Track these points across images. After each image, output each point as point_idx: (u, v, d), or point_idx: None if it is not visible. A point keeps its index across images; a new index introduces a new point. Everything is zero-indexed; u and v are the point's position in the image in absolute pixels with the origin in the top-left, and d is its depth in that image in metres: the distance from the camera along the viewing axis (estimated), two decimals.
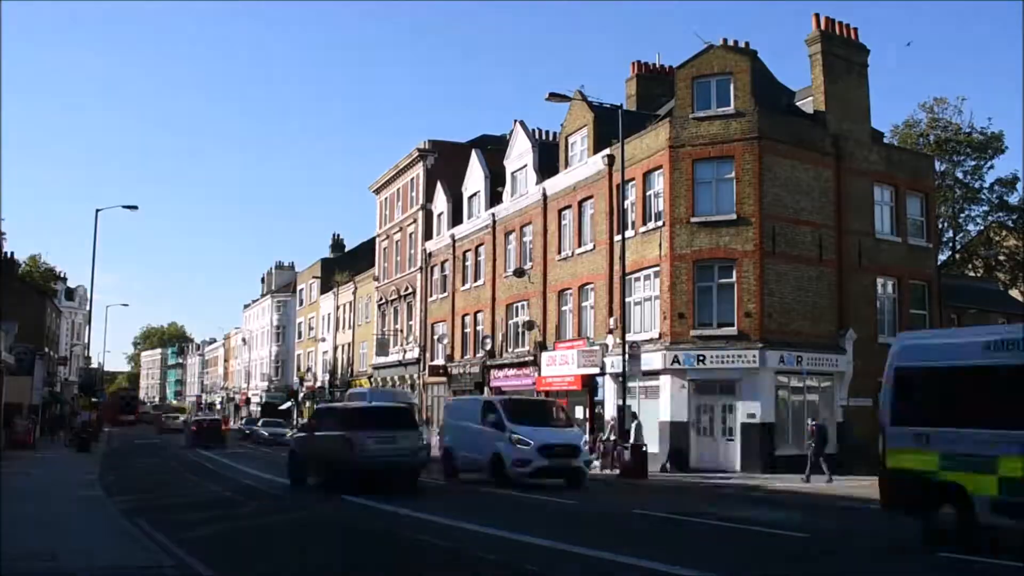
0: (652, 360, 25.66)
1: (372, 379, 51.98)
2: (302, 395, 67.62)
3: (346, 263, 64.45)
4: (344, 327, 60.71)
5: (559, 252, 32.38)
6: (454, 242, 41.45)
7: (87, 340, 53.86)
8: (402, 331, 47.62)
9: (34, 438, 35.70)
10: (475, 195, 40.54)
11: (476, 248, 39.52)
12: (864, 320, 27.52)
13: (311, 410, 67.01)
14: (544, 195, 33.43)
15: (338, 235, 77.26)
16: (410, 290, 46.62)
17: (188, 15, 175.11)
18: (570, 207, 32.02)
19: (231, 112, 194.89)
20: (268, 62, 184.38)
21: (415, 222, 46.65)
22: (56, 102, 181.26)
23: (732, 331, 25.38)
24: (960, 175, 46.22)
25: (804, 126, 27.58)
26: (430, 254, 44.39)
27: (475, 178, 40.60)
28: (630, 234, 27.29)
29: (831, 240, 27.06)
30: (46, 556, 9.58)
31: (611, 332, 28.16)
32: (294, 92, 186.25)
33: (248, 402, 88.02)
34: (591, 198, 30.65)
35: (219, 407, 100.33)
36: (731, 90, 26.34)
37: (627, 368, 24.38)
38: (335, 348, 62.64)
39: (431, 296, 44.10)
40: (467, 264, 40.41)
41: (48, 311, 59.44)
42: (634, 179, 27.86)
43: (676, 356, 25.49)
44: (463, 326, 40.37)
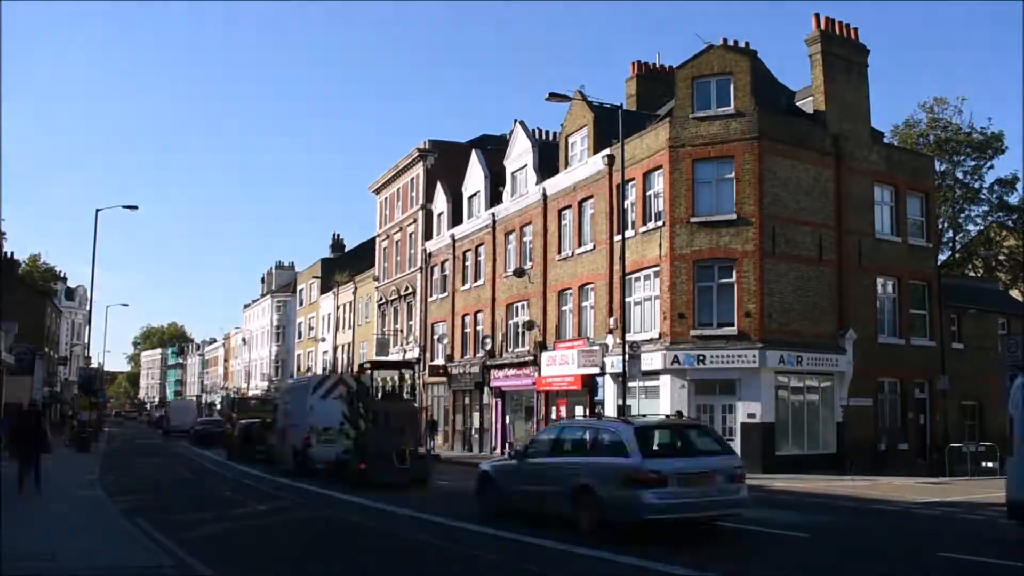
0: (652, 360, 25.65)
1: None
2: None
3: (346, 263, 64.45)
4: (344, 327, 60.71)
5: (559, 252, 32.37)
6: (454, 242, 41.44)
7: (87, 340, 53.95)
8: (402, 331, 47.62)
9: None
10: (475, 195, 40.54)
11: (476, 248, 39.51)
12: (864, 320, 27.53)
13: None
14: (544, 195, 33.43)
15: (338, 235, 77.35)
16: (410, 290, 46.62)
17: (189, 15, 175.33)
18: (570, 207, 32.01)
19: (231, 112, 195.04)
20: (268, 62, 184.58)
21: (415, 222, 46.65)
22: (56, 102, 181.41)
23: (732, 331, 25.38)
24: (960, 175, 46.23)
25: (804, 126, 27.57)
26: (430, 254, 44.39)
27: (475, 178, 40.59)
28: (630, 234, 27.29)
29: (831, 240, 27.05)
30: (46, 556, 9.59)
31: (611, 332, 28.16)
32: (294, 92, 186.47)
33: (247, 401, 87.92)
34: (591, 198, 30.65)
35: (219, 407, 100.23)
36: (731, 90, 26.33)
37: (627, 368, 24.36)
38: (335, 348, 62.62)
39: (431, 296, 44.09)
40: (467, 264, 40.40)
41: (48, 311, 59.45)
42: (634, 179, 27.85)
43: (676, 356, 25.49)
44: (463, 326, 40.36)
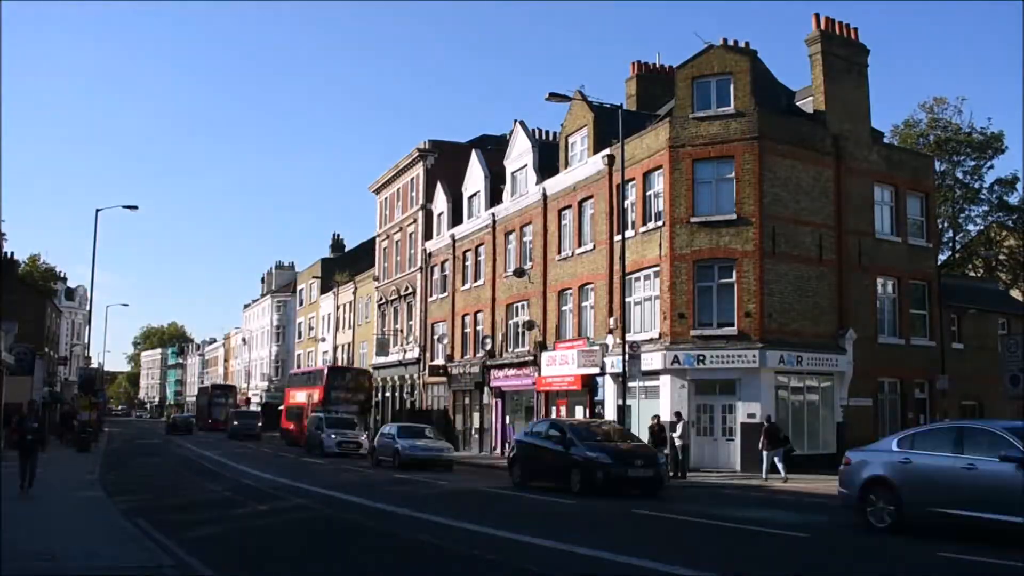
0: (652, 360, 25.65)
1: (372, 379, 51.95)
2: None
3: (346, 263, 64.48)
4: (344, 327, 60.71)
5: (559, 252, 32.37)
6: (454, 242, 41.44)
7: (87, 340, 53.92)
8: (402, 331, 47.62)
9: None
10: (475, 195, 40.54)
11: (476, 248, 39.51)
12: (864, 320, 27.54)
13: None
14: (544, 195, 33.43)
15: (338, 235, 77.47)
16: (410, 290, 46.61)
17: (189, 15, 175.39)
18: (570, 207, 32.01)
19: (231, 112, 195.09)
20: (268, 62, 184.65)
21: (415, 222, 46.65)
22: (56, 102, 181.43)
23: (732, 331, 25.38)
24: (960, 175, 46.25)
25: (804, 126, 27.58)
26: (430, 254, 44.38)
27: (475, 178, 40.59)
28: (630, 234, 27.29)
29: (831, 240, 27.05)
30: (46, 556, 9.58)
31: (611, 332, 28.16)
32: (294, 92, 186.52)
33: (248, 402, 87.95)
34: (591, 198, 30.65)
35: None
36: (731, 90, 26.34)
37: (627, 368, 24.36)
38: (335, 348, 62.62)
39: (431, 296, 44.09)
40: (467, 264, 40.40)
41: (48, 311, 59.41)
42: (634, 179, 27.86)
43: (676, 356, 25.50)
44: (463, 326, 40.36)
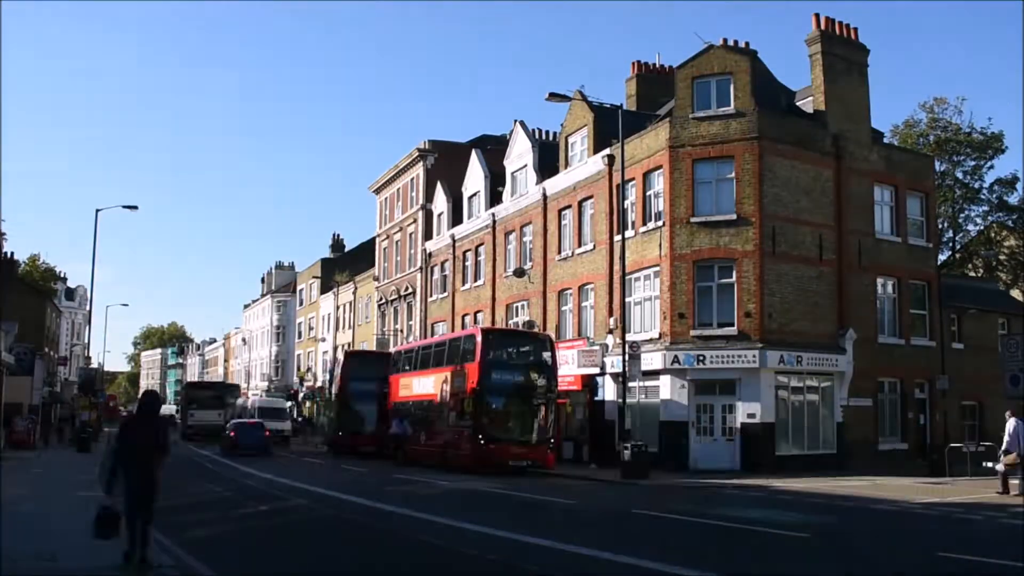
0: (652, 360, 25.65)
1: None
2: (302, 395, 67.63)
3: (346, 263, 64.44)
4: (344, 327, 60.69)
5: (559, 252, 32.36)
6: (454, 242, 41.44)
7: (87, 340, 53.98)
8: (402, 331, 47.60)
9: (34, 439, 35.63)
10: (475, 195, 40.53)
11: (476, 248, 39.51)
12: (864, 320, 27.53)
13: (311, 410, 67.31)
14: (544, 195, 33.42)
15: (338, 235, 77.31)
16: (410, 290, 46.61)
17: (189, 15, 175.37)
18: (570, 207, 32.00)
19: (231, 112, 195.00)
20: (268, 62, 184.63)
21: (415, 222, 46.64)
22: (56, 101, 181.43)
23: (732, 331, 25.37)
24: (960, 175, 46.19)
25: (804, 126, 27.58)
26: (430, 254, 44.38)
27: (475, 178, 40.58)
28: (630, 234, 27.29)
29: (831, 240, 27.05)
30: (46, 556, 9.57)
31: (611, 332, 28.16)
32: (294, 92, 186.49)
33: None
34: (591, 198, 30.64)
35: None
36: (731, 90, 26.33)
37: (627, 368, 24.37)
38: (335, 348, 62.57)
39: (431, 296, 44.09)
40: (467, 264, 40.39)
41: (48, 311, 59.37)
42: (634, 179, 27.85)
43: (676, 356, 25.49)
44: (463, 326, 40.33)
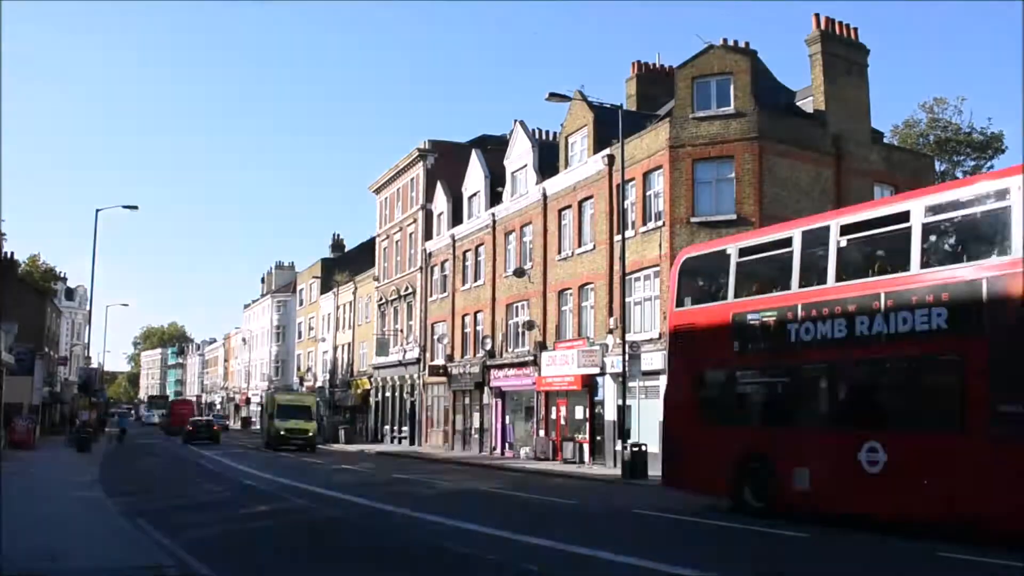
0: (652, 360, 25.60)
1: (372, 379, 51.99)
2: None
3: (346, 263, 64.42)
4: (344, 327, 60.69)
5: (559, 252, 32.36)
6: (454, 242, 41.44)
7: (87, 340, 54.00)
8: (402, 331, 47.61)
9: (35, 438, 35.65)
10: (475, 195, 40.53)
11: (476, 248, 39.51)
12: None
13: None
14: (544, 195, 33.42)
15: (338, 235, 77.22)
16: (410, 290, 46.61)
17: (189, 15, 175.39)
18: (570, 207, 32.00)
19: (231, 112, 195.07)
20: (268, 62, 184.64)
21: (415, 222, 46.65)
22: (57, 101, 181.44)
23: None
24: (960, 175, 46.18)
25: (804, 126, 27.57)
26: (430, 254, 44.38)
27: (475, 178, 40.59)
28: (630, 234, 27.29)
29: None
30: (46, 556, 9.58)
31: (611, 332, 28.15)
32: (294, 92, 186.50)
33: (248, 402, 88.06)
34: (591, 198, 30.64)
35: (219, 407, 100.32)
36: (731, 90, 26.32)
37: (627, 368, 24.37)
38: (335, 348, 62.63)
39: (431, 296, 44.09)
40: (467, 264, 40.40)
41: (48, 311, 59.36)
42: (634, 179, 27.85)
43: None
44: (463, 326, 40.36)
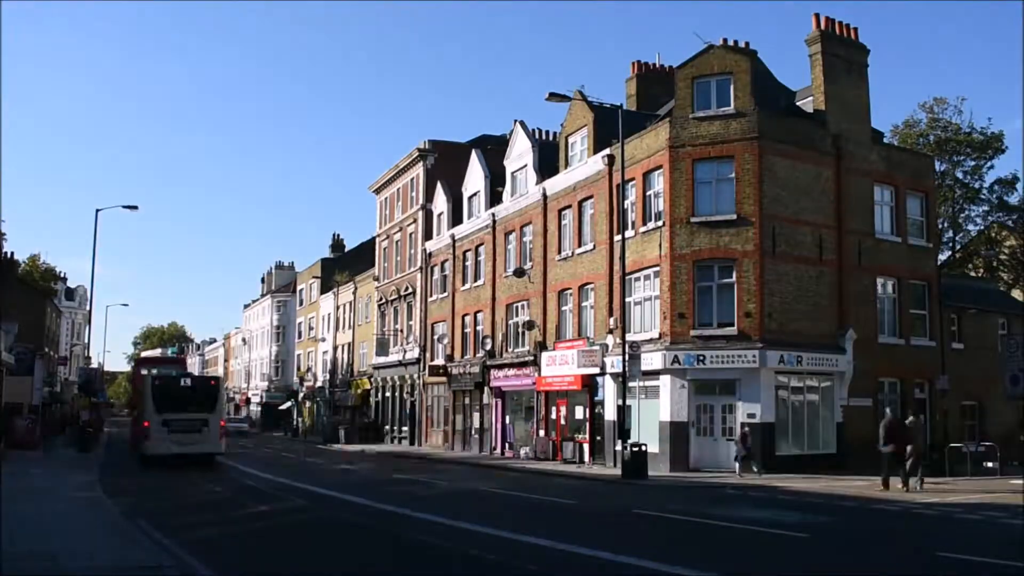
0: (652, 360, 25.65)
1: (372, 379, 52.00)
2: (302, 395, 67.69)
3: (346, 263, 64.44)
4: (344, 327, 60.70)
5: (559, 252, 32.37)
6: (454, 242, 41.44)
7: (87, 340, 53.83)
8: (402, 331, 47.61)
9: (35, 438, 35.63)
10: (475, 195, 40.53)
11: (476, 248, 39.51)
12: (864, 320, 27.52)
13: (311, 410, 67.39)
14: (544, 195, 33.42)
15: (338, 235, 77.23)
16: (410, 290, 46.61)
17: (190, 15, 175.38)
18: (570, 207, 32.01)
19: (231, 112, 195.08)
20: (268, 62, 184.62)
21: (415, 222, 46.64)
22: (56, 101, 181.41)
23: (732, 331, 25.37)
24: (960, 175, 46.21)
25: (804, 126, 27.58)
26: (430, 254, 44.38)
27: (475, 178, 40.59)
28: (630, 234, 27.29)
29: (831, 240, 27.04)
30: (46, 556, 9.58)
31: (611, 332, 28.16)
32: (294, 92, 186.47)
33: (248, 402, 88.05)
34: (591, 198, 30.64)
35: None
36: (731, 90, 26.33)
37: (627, 368, 24.37)
38: (335, 348, 62.63)
39: (431, 296, 44.09)
40: (467, 264, 40.40)
41: (48, 311, 59.36)
42: (634, 179, 27.85)
43: (676, 356, 25.48)
44: (463, 326, 40.35)
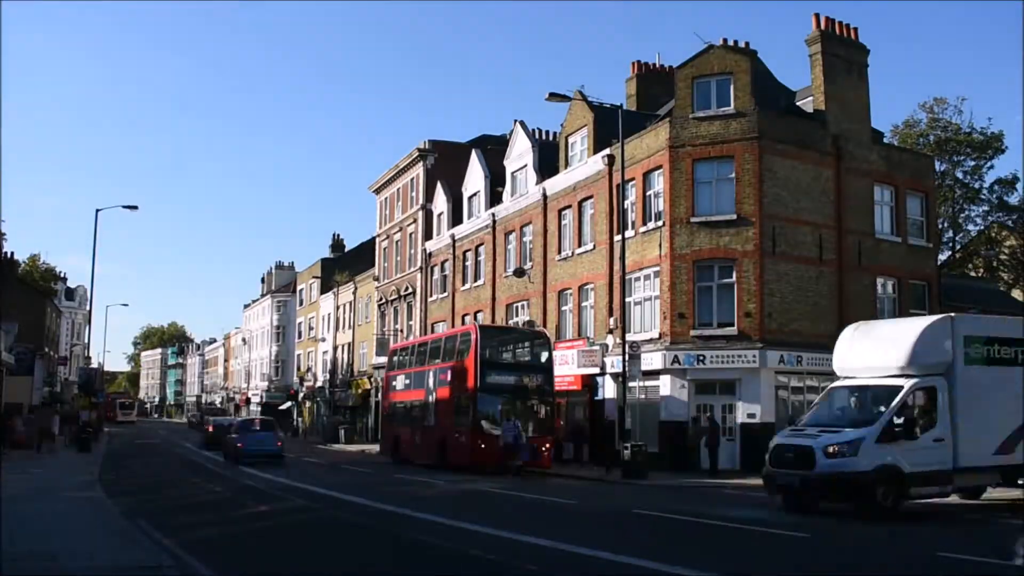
0: (652, 360, 25.65)
1: (372, 379, 51.95)
2: (302, 395, 67.64)
3: (346, 263, 64.39)
4: (344, 327, 60.67)
5: (559, 252, 32.36)
6: (454, 242, 41.43)
7: (87, 340, 53.86)
8: (402, 331, 47.58)
9: (36, 438, 35.61)
10: (475, 195, 40.53)
11: (476, 248, 39.50)
12: (864, 320, 27.44)
13: (311, 410, 67.38)
14: (544, 195, 33.42)
15: (338, 235, 77.14)
16: (410, 290, 46.60)
17: (189, 15, 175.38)
18: (570, 207, 32.00)
19: (231, 112, 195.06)
20: (268, 62, 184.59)
21: (415, 222, 46.63)
22: (57, 101, 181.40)
23: (732, 331, 25.37)
24: (960, 175, 46.14)
25: (804, 126, 27.58)
26: (430, 254, 44.37)
27: (475, 178, 40.58)
28: (630, 234, 27.29)
29: (831, 240, 27.04)
30: (46, 556, 9.58)
31: (611, 332, 28.15)
32: (294, 92, 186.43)
33: (248, 402, 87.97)
34: (591, 198, 30.64)
35: (219, 407, 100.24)
36: (731, 90, 26.34)
37: (627, 368, 24.36)
38: (335, 348, 62.60)
39: (431, 296, 44.08)
40: (467, 264, 40.39)
41: (48, 311, 59.37)
42: (634, 179, 27.85)
43: (676, 356, 25.49)
44: (463, 326, 40.31)
